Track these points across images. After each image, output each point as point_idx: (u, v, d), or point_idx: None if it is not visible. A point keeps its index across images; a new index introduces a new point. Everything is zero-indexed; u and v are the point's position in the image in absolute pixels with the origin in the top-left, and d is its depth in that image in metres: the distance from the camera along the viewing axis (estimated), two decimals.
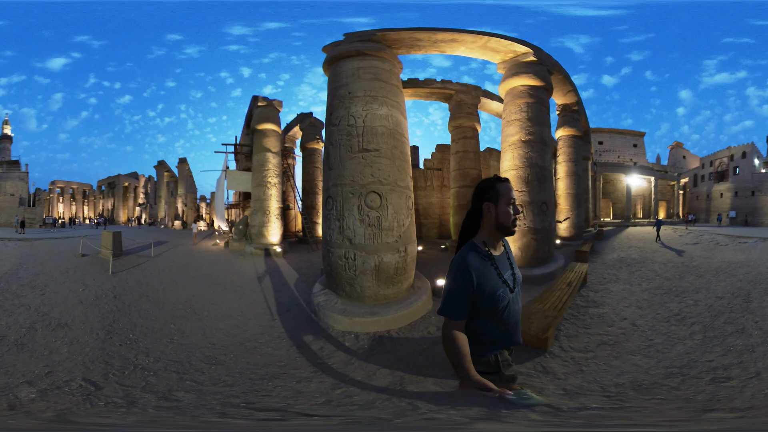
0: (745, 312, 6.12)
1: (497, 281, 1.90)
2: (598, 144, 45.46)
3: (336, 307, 6.49)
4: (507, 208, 1.94)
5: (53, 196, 58.04)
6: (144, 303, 7.61)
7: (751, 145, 39.79)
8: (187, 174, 39.02)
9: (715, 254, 12.67)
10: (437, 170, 20.90)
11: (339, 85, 7.51)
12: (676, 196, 42.39)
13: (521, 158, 9.87)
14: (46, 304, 7.11)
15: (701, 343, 4.95)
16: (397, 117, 7.53)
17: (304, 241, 18.63)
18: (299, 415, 2.40)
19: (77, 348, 5.13)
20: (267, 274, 10.92)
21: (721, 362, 4.26)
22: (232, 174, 17.86)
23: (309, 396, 3.80)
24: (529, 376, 4.02)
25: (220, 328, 6.33)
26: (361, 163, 6.99)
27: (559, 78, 12.57)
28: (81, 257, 12.19)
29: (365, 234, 6.72)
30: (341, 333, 5.92)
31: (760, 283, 7.99)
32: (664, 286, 8.47)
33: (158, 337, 5.77)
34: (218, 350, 5.31)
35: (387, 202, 6.90)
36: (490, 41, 9.14)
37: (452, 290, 1.88)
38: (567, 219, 16.94)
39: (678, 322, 5.97)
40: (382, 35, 7.72)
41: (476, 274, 1.84)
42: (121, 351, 5.12)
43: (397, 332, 5.92)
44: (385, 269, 6.72)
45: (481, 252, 1.94)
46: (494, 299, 1.87)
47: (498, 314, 1.92)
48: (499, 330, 1.97)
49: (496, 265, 1.94)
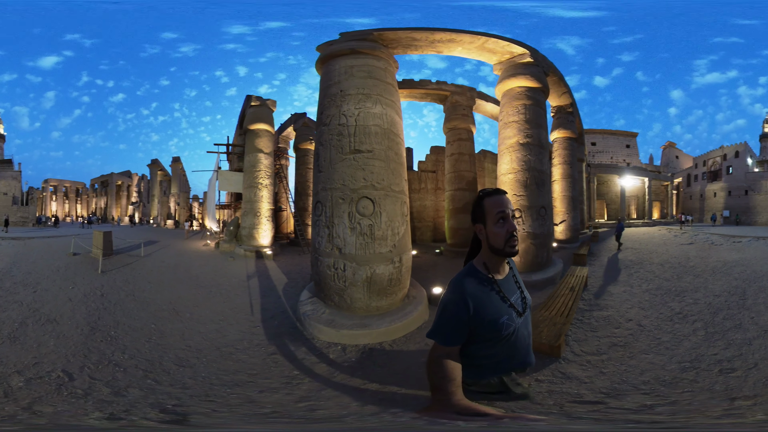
0: (741, 308, 6.53)
1: (500, 308, 1.70)
2: (591, 145, 45.49)
3: (323, 318, 6.13)
4: (496, 227, 1.68)
5: (46, 194, 57.33)
6: (129, 302, 7.72)
7: (744, 145, 40.10)
8: (181, 173, 38.66)
9: (711, 254, 12.87)
10: (432, 172, 20.72)
11: (331, 84, 7.16)
12: (669, 196, 42.59)
13: (519, 161, 9.66)
14: (38, 301, 7.40)
15: (704, 339, 5.28)
16: (392, 116, 7.14)
17: (296, 243, 18.35)
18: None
19: (62, 342, 5.47)
20: (255, 278, 10.75)
21: (725, 355, 4.63)
22: (223, 174, 17.54)
23: (256, 405, 3.75)
24: (552, 383, 4.04)
25: (200, 331, 6.28)
26: (352, 166, 6.56)
27: (554, 79, 12.44)
28: (72, 256, 12.28)
29: (356, 243, 6.32)
30: (326, 344, 5.67)
31: (755, 281, 8.36)
32: (664, 287, 8.64)
33: (138, 335, 5.91)
34: (192, 353, 5.30)
35: (380, 209, 6.49)
36: (487, 42, 8.94)
37: (444, 316, 1.69)
38: (563, 222, 16.84)
39: (681, 320, 6.23)
40: (378, 35, 7.47)
41: (473, 301, 1.65)
42: (101, 346, 5.38)
43: (391, 345, 5.66)
44: (378, 281, 6.33)
45: (480, 277, 1.74)
46: (496, 327, 1.68)
47: (502, 340, 1.73)
48: (504, 355, 1.78)
49: (499, 290, 1.73)
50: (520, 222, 9.44)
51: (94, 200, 57.30)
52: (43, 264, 10.94)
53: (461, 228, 15.11)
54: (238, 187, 16.74)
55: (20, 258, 11.87)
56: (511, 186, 9.61)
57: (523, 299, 1.85)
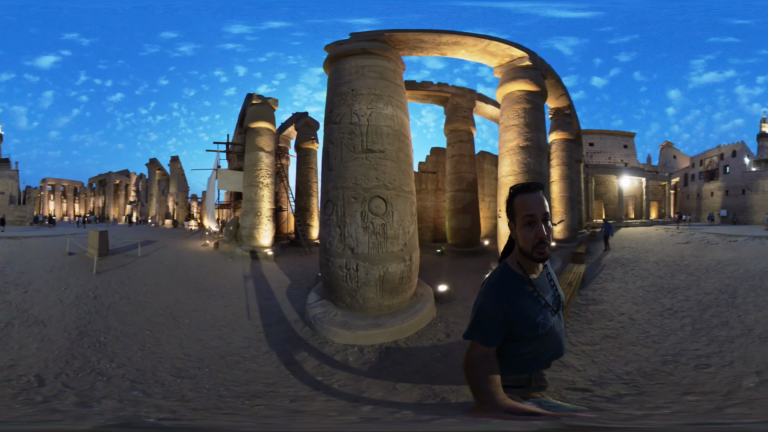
0: (730, 307, 6.59)
1: (536, 307, 1.66)
2: (588, 146, 45.69)
3: (336, 320, 6.08)
4: (524, 230, 1.58)
5: (44, 193, 57.14)
6: (124, 306, 7.39)
7: (741, 144, 40.27)
8: (179, 172, 38.56)
9: (706, 253, 13.00)
10: (432, 173, 20.81)
11: (341, 83, 7.18)
12: (667, 196, 42.84)
13: (519, 164, 9.91)
14: (27, 302, 7.20)
15: (690, 334, 5.44)
16: (401, 118, 7.23)
17: (296, 243, 18.31)
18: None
19: (46, 345, 5.25)
20: (257, 280, 10.48)
21: (705, 351, 4.76)
22: (223, 173, 17.34)
23: (317, 416, 3.44)
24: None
25: (200, 338, 5.93)
26: (365, 165, 6.56)
27: (552, 82, 12.58)
28: (68, 256, 12.05)
29: (369, 243, 6.31)
30: (342, 347, 5.56)
31: (747, 280, 8.39)
32: (657, 284, 8.85)
33: (130, 342, 5.57)
34: (192, 363, 4.96)
35: (392, 209, 6.52)
36: (489, 45, 9.09)
37: (479, 317, 1.65)
38: (562, 221, 17.01)
39: (671, 315, 6.41)
40: (389, 36, 7.56)
41: (508, 302, 1.61)
42: (86, 353, 5.10)
43: (405, 342, 5.72)
44: (390, 279, 6.34)
45: (515, 276, 1.68)
46: (532, 327, 1.64)
47: (538, 339, 1.70)
48: (538, 352, 1.76)
49: (534, 289, 1.68)
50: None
51: (92, 199, 57.14)
52: (38, 264, 10.72)
53: (462, 228, 15.29)
54: (238, 186, 16.56)
55: (15, 257, 11.71)
56: None
57: (557, 297, 1.80)
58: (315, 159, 20.47)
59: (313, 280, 9.54)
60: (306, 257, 15.04)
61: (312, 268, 12.20)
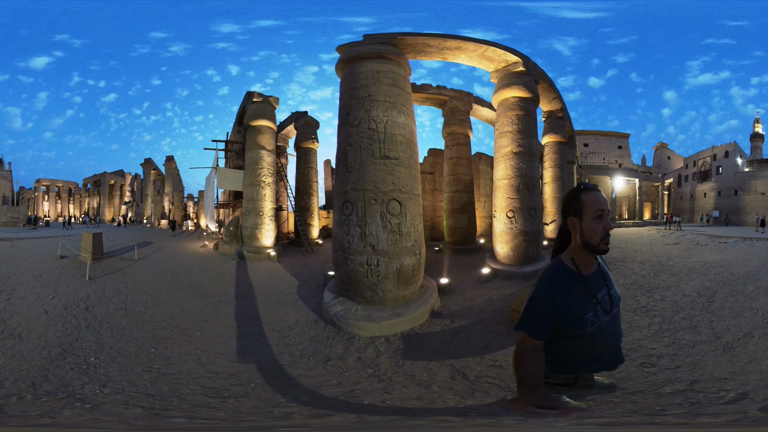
0: (704, 311, 6.36)
1: (586, 304, 1.69)
2: (583, 146, 46.16)
3: (359, 315, 6.37)
4: (593, 223, 1.67)
5: (38, 194, 56.82)
6: (120, 318, 6.53)
7: (733, 144, 40.57)
8: (174, 172, 38.35)
9: (693, 254, 12.87)
10: (429, 174, 21.11)
11: (357, 86, 7.38)
12: (660, 196, 43.29)
13: (513, 168, 10.47)
14: (8, 311, 6.51)
15: (655, 333, 5.36)
16: (411, 126, 7.63)
17: (296, 243, 18.38)
18: None
19: (16, 363, 4.49)
20: (264, 282, 10.10)
21: (660, 351, 4.58)
22: (222, 172, 16.86)
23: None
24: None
25: (220, 351, 5.27)
26: (383, 170, 7.01)
27: (545, 86, 12.96)
28: (60, 259, 11.29)
29: (388, 240, 6.86)
30: (369, 339, 5.69)
31: (729, 284, 8.11)
32: (638, 283, 8.86)
33: (130, 363, 4.68)
34: (226, 380, 4.29)
35: (406, 210, 7.09)
36: (488, 50, 9.48)
37: (531, 307, 1.70)
38: (553, 221, 17.44)
39: (642, 313, 6.41)
40: (400, 39, 7.81)
41: (558, 294, 1.66)
42: (66, 376, 4.15)
43: (420, 329, 6.17)
44: (405, 271, 6.92)
45: (567, 271, 1.73)
46: (580, 323, 1.66)
47: (587, 338, 1.71)
48: (589, 353, 1.77)
49: (586, 286, 1.71)
50: (514, 221, 10.15)
51: (87, 200, 56.86)
52: (26, 268, 10.04)
53: (459, 227, 15.72)
54: (237, 185, 16.18)
55: (3, 260, 11.06)
56: (506, 190, 10.47)
57: (610, 297, 1.79)
58: (315, 158, 20.54)
59: (322, 280, 9.59)
60: (308, 257, 14.94)
61: (316, 267, 12.22)
